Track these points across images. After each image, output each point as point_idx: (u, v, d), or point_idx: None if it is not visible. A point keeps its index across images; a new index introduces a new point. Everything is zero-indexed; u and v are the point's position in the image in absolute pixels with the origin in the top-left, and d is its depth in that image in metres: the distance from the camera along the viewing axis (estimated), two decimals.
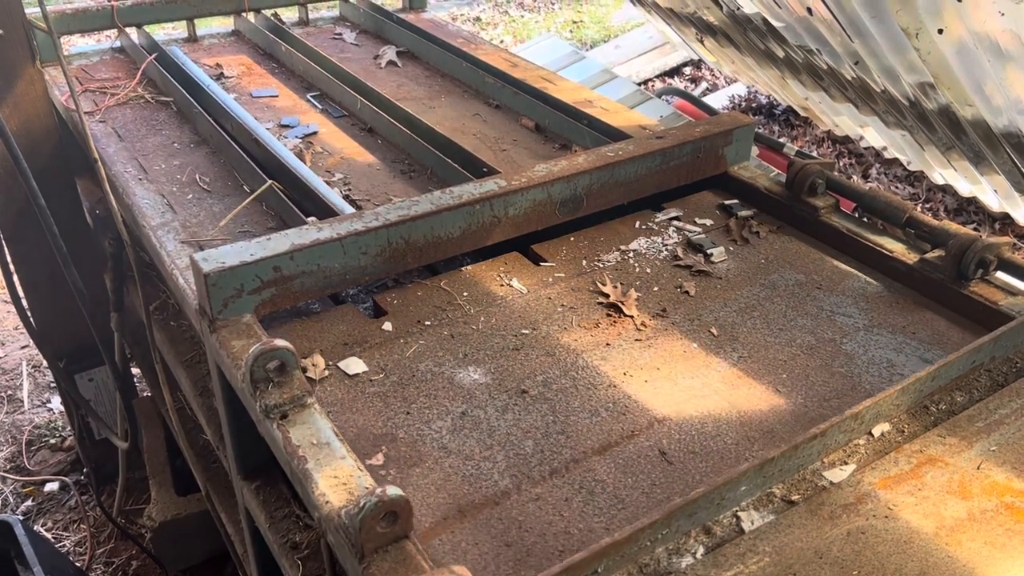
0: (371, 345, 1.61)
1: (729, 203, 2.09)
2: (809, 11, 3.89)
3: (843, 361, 1.59)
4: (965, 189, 4.57)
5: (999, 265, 1.71)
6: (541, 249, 1.91)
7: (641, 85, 6.56)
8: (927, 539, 1.19)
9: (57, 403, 3.93)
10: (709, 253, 1.90)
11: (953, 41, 3.24)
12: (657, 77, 7.19)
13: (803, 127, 6.06)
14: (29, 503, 3.48)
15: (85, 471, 3.51)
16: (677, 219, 2.04)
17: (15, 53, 2.41)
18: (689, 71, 7.26)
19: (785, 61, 4.78)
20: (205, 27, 3.26)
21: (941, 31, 3.22)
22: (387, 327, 1.66)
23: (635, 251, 1.92)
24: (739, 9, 4.54)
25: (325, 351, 1.58)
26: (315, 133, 2.45)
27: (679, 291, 1.78)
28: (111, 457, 3.25)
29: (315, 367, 1.52)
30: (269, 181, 2.04)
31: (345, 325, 1.66)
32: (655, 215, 2.05)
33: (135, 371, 3.26)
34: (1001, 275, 1.73)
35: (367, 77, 2.72)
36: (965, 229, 1.74)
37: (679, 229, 2.00)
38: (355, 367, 1.54)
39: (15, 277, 2.68)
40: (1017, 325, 1.51)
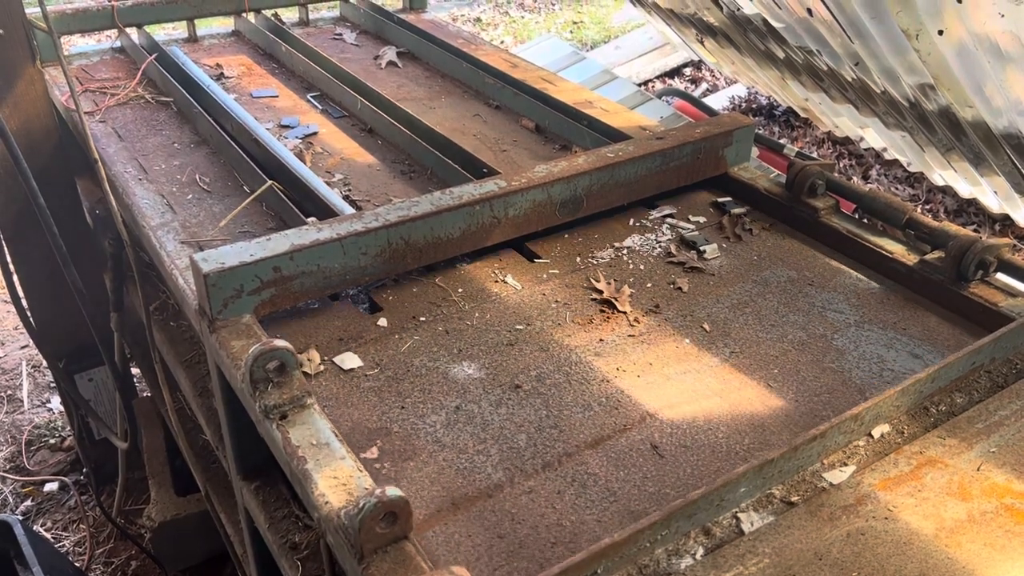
0: (366, 341, 1.62)
1: (723, 200, 2.09)
2: (809, 12, 3.89)
3: (834, 357, 1.60)
4: (965, 190, 4.57)
5: (999, 266, 1.71)
6: (536, 246, 1.92)
7: (641, 86, 6.57)
8: (927, 540, 1.19)
9: (57, 403, 3.93)
10: (702, 250, 1.91)
11: (953, 42, 3.24)
12: (657, 78, 7.19)
13: (803, 128, 6.06)
14: (28, 503, 3.48)
15: (85, 471, 3.51)
16: (671, 216, 2.05)
17: (15, 53, 2.41)
18: (689, 72, 7.26)
19: (785, 62, 4.78)
20: (205, 27, 3.26)
21: (941, 32, 3.22)
22: (382, 323, 1.67)
23: (629, 248, 1.92)
24: (739, 10, 4.54)
25: (320, 346, 1.59)
26: (315, 133, 2.45)
27: (672, 287, 1.80)
28: (111, 457, 3.25)
29: (311, 362, 1.53)
30: (269, 181, 2.04)
31: (341, 321, 1.66)
32: (649, 212, 2.06)
33: (135, 371, 3.26)
34: (1001, 276, 1.73)
35: (367, 77, 2.72)
36: (965, 230, 1.74)
37: (673, 226, 2.01)
38: (350, 362, 1.55)
39: (15, 277, 2.68)
40: (1017, 327, 1.51)
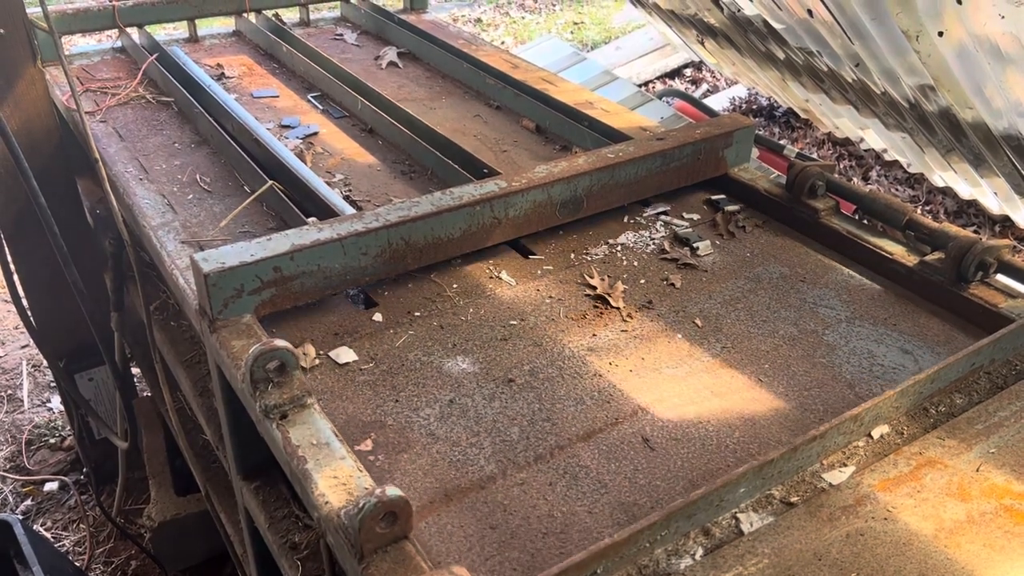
0: (362, 335, 1.63)
1: (716, 198, 2.10)
2: (810, 13, 3.89)
3: (824, 352, 1.62)
4: (965, 191, 4.58)
5: (999, 268, 1.71)
6: (531, 243, 1.93)
7: (642, 87, 6.57)
8: (926, 541, 1.19)
9: (57, 403, 3.94)
10: (695, 247, 1.92)
11: (953, 44, 3.24)
12: (658, 79, 7.20)
13: (803, 129, 6.06)
14: (28, 503, 3.48)
15: (85, 471, 3.51)
16: (665, 214, 2.06)
17: (16, 53, 2.42)
18: (690, 73, 7.26)
19: (786, 63, 4.79)
20: (206, 27, 3.26)
21: (941, 34, 3.23)
22: (377, 318, 1.68)
23: (623, 245, 1.94)
24: (740, 11, 4.54)
25: (316, 341, 1.60)
26: (316, 134, 2.45)
27: (665, 284, 1.81)
28: (111, 457, 3.26)
29: (306, 356, 1.55)
30: (270, 182, 2.04)
31: (336, 316, 1.67)
32: (644, 209, 2.07)
33: (135, 371, 3.27)
34: (1001, 278, 1.73)
35: (368, 78, 2.72)
36: (965, 231, 1.75)
37: (667, 223, 2.02)
38: (345, 356, 1.56)
39: (15, 276, 2.68)
40: (1017, 328, 1.51)
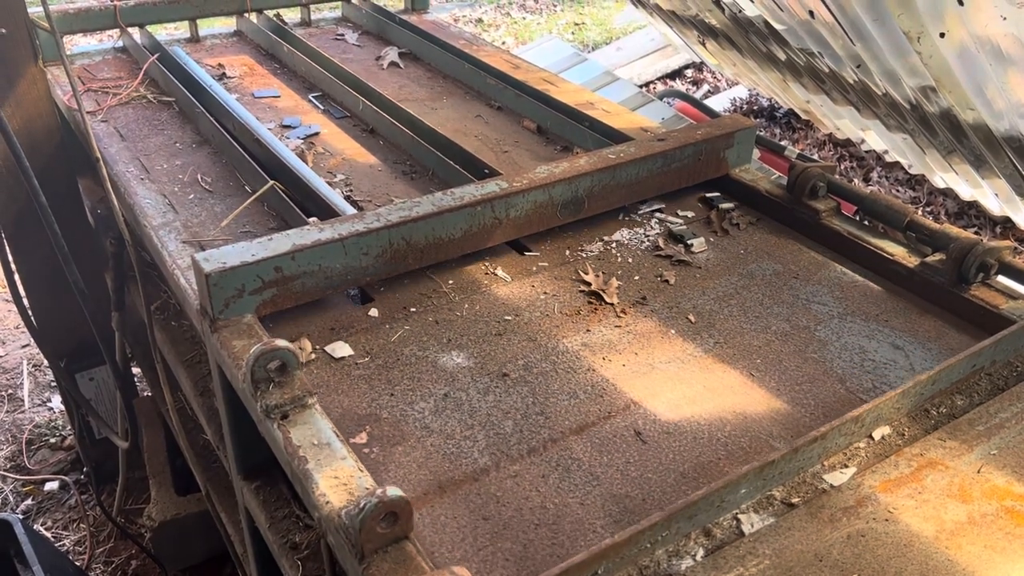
0: (357, 330, 1.64)
1: (711, 196, 2.11)
2: (811, 14, 3.89)
3: (816, 347, 1.63)
4: (966, 193, 4.57)
5: (1000, 269, 1.71)
6: (526, 239, 1.93)
7: (643, 87, 6.57)
8: (927, 542, 1.19)
9: (57, 402, 3.94)
10: (689, 244, 1.93)
11: (955, 45, 3.24)
12: (659, 79, 7.20)
13: (804, 130, 6.06)
14: (29, 502, 3.48)
15: (85, 470, 3.51)
16: (660, 211, 2.07)
17: (18, 52, 2.42)
18: (691, 73, 7.26)
19: (787, 64, 4.79)
20: (207, 27, 3.26)
21: (943, 35, 3.23)
22: (373, 313, 1.69)
23: (617, 242, 1.95)
24: (741, 12, 4.54)
25: (312, 336, 1.61)
26: (317, 134, 2.45)
27: (659, 280, 1.82)
28: (111, 456, 3.26)
29: (302, 351, 1.55)
30: (271, 181, 2.04)
31: (333, 311, 1.68)
32: (639, 207, 2.08)
33: (136, 370, 3.27)
34: (1002, 279, 1.73)
35: (369, 78, 2.72)
36: (966, 233, 1.75)
37: (662, 221, 2.03)
38: (341, 351, 1.57)
39: (16, 276, 2.68)
40: (1018, 329, 1.51)
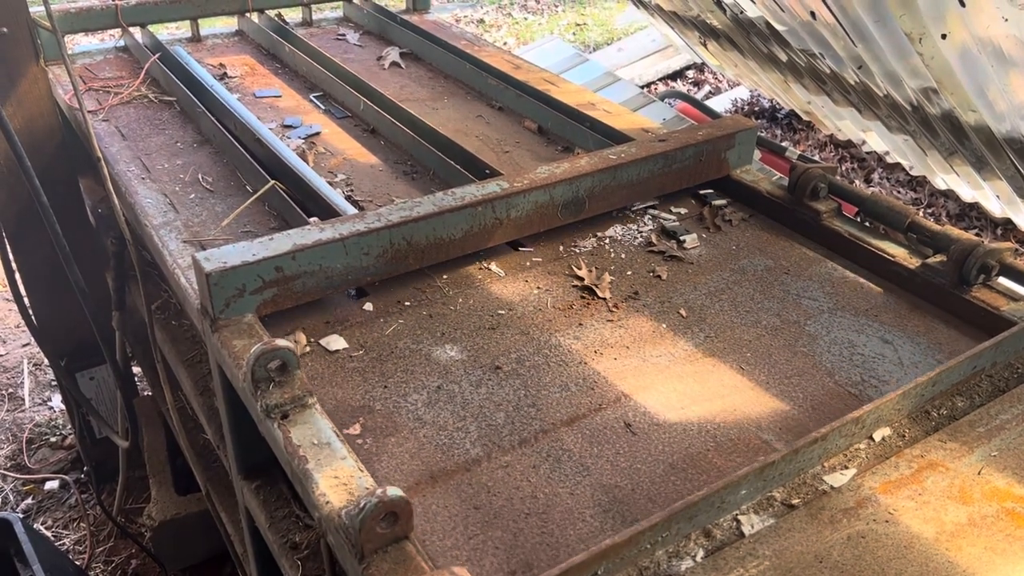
0: (352, 324, 1.65)
1: (704, 192, 2.12)
2: (812, 15, 3.89)
3: (806, 341, 1.64)
4: (967, 194, 4.57)
5: (1001, 271, 1.71)
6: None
7: (644, 88, 6.56)
8: (927, 544, 1.19)
9: (58, 401, 3.94)
10: (682, 240, 1.94)
11: (956, 46, 3.24)
12: (660, 80, 7.20)
13: (805, 131, 6.06)
14: (29, 501, 3.49)
15: (85, 469, 3.51)
16: (653, 208, 2.08)
17: (19, 51, 2.42)
18: (692, 74, 7.26)
19: (788, 65, 4.79)
20: (209, 27, 3.26)
21: (944, 36, 3.23)
22: (368, 307, 1.70)
23: (611, 237, 1.96)
24: (742, 13, 4.54)
25: (307, 329, 1.62)
26: (318, 134, 2.46)
27: (651, 275, 1.83)
28: (111, 456, 3.26)
29: (297, 344, 1.56)
30: (272, 181, 2.04)
31: (328, 305, 1.69)
32: (632, 203, 2.08)
33: (136, 370, 3.27)
34: (1003, 281, 1.72)
35: (370, 78, 2.72)
36: (967, 234, 1.74)
37: (655, 217, 2.04)
38: (336, 344, 1.58)
39: (17, 275, 2.69)
40: (1018, 331, 1.51)
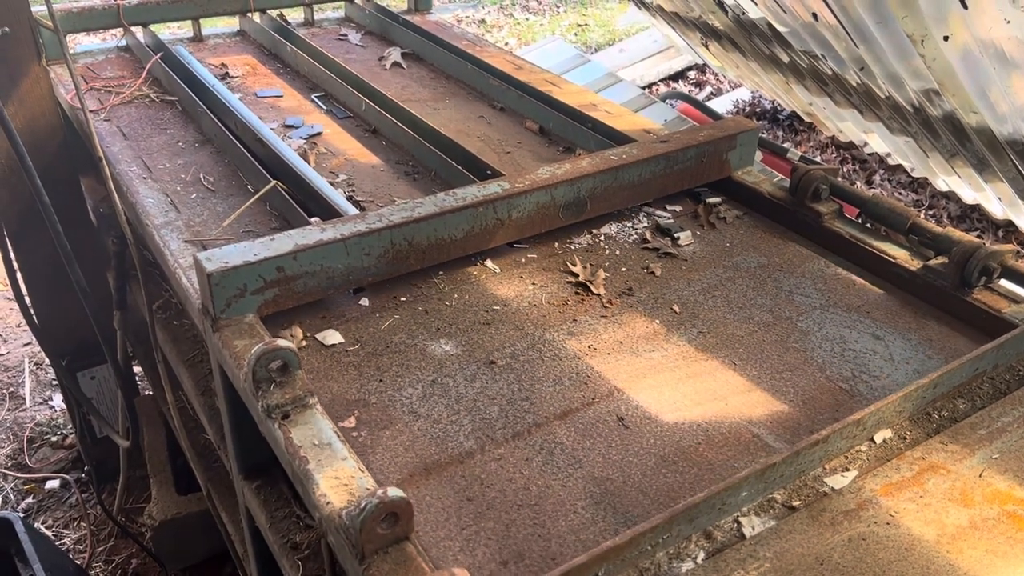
0: (348, 319, 1.66)
1: (698, 190, 2.13)
2: (814, 16, 3.89)
3: (798, 337, 1.65)
4: (969, 196, 4.57)
5: (1003, 273, 1.70)
6: None
7: (645, 89, 6.56)
8: (928, 546, 1.19)
9: (59, 400, 3.94)
10: (676, 237, 1.96)
11: (958, 48, 3.24)
12: (661, 81, 7.20)
13: (807, 132, 6.06)
14: (30, 500, 3.49)
15: (86, 469, 3.51)
16: (648, 205, 2.08)
17: (21, 51, 2.42)
18: (694, 75, 7.26)
19: (790, 66, 4.78)
20: (210, 27, 3.26)
21: (946, 38, 3.22)
22: (364, 302, 1.71)
23: (606, 234, 1.97)
24: (744, 14, 4.54)
25: (304, 324, 1.63)
26: (319, 134, 2.46)
27: (646, 272, 1.84)
28: (112, 455, 3.26)
29: (294, 338, 1.58)
30: (273, 181, 2.04)
31: (324, 300, 1.70)
32: None
33: (137, 369, 3.27)
34: (1005, 283, 1.72)
35: (372, 78, 2.72)
36: (969, 236, 1.74)
37: (649, 214, 2.05)
38: (332, 338, 1.59)
39: (18, 274, 2.69)
40: (1020, 333, 1.51)
